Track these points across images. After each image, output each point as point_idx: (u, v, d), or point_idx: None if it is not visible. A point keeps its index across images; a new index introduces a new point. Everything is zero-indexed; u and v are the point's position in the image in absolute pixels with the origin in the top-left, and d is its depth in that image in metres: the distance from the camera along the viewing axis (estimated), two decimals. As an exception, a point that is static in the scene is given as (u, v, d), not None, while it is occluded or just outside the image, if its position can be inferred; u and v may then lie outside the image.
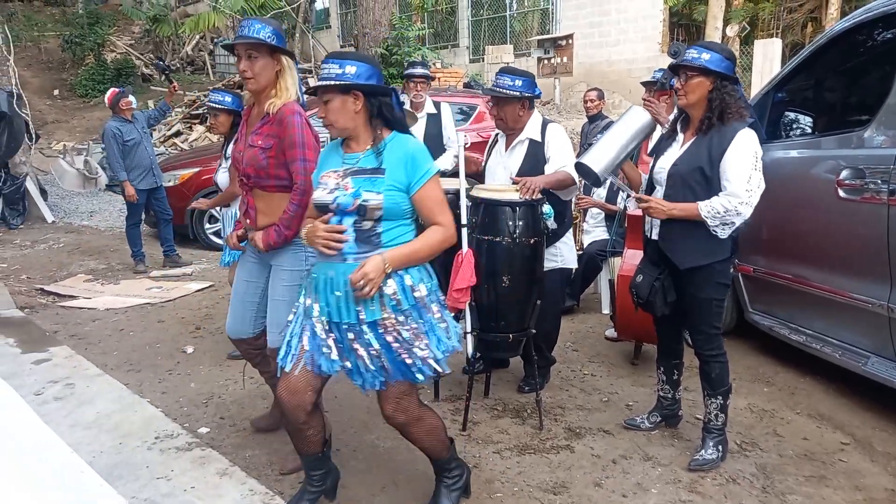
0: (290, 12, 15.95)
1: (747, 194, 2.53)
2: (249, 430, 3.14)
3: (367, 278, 2.02)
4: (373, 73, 2.16)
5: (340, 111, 2.15)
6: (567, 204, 3.44)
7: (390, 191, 2.14)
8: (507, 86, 3.21)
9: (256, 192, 2.66)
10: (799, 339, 3.60)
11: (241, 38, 2.52)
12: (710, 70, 2.58)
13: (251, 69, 2.53)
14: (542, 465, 2.83)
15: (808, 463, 2.85)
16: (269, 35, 2.52)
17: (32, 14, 18.50)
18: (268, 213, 2.64)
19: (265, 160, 2.57)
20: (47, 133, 13.14)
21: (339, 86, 2.12)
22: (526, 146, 3.31)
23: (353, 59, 2.16)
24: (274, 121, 2.57)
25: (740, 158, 2.55)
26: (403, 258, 2.13)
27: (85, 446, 2.90)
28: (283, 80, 2.60)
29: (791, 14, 18.23)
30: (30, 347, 4.22)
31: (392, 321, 2.14)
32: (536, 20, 15.32)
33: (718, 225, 2.60)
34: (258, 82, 2.57)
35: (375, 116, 2.19)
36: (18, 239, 7.96)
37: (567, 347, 4.23)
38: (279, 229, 2.58)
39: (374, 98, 2.17)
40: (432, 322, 2.20)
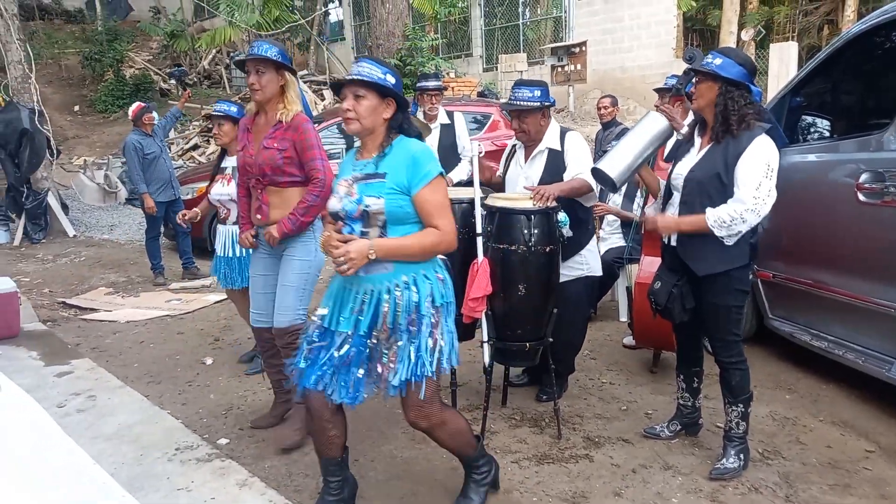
0: (305, 25, 16.11)
1: (754, 201, 2.51)
2: (269, 440, 3.15)
3: (348, 257, 2.08)
4: (399, 85, 2.27)
5: (373, 112, 2.20)
6: (589, 211, 3.42)
7: (391, 194, 2.16)
8: (526, 97, 3.21)
9: (270, 189, 2.99)
10: (820, 345, 3.55)
11: (250, 55, 2.94)
12: (718, 75, 2.57)
13: (259, 82, 2.92)
14: (561, 474, 2.81)
15: (832, 471, 2.81)
16: (275, 54, 2.91)
17: (53, 32, 18.87)
18: (281, 206, 2.98)
19: (281, 159, 2.93)
20: (68, 148, 13.37)
21: (382, 89, 2.19)
22: (546, 155, 3.30)
23: (391, 69, 2.26)
24: (289, 127, 2.95)
25: (752, 165, 2.53)
26: (391, 249, 2.14)
27: (107, 458, 2.93)
28: (288, 93, 2.99)
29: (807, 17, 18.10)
30: (52, 360, 4.28)
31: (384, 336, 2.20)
32: (549, 28, 15.34)
33: (725, 235, 2.58)
34: (264, 94, 2.95)
35: (395, 128, 2.26)
36: (41, 253, 8.09)
37: (585, 356, 4.20)
38: (295, 217, 2.93)
39: (401, 111, 2.26)
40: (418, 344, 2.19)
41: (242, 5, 14.78)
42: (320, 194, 2.89)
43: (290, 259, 3.02)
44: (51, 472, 1.50)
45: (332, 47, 17.76)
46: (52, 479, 1.47)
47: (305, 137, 2.94)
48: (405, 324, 2.19)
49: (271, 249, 3.07)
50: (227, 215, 3.94)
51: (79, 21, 20.22)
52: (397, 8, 12.87)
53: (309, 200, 2.93)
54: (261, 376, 3.99)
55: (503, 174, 3.51)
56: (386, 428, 3.24)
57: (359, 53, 17.77)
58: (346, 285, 2.27)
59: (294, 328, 3.01)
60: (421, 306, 2.19)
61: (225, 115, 3.93)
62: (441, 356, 2.22)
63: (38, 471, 1.48)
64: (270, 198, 2.99)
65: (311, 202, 2.92)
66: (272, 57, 2.90)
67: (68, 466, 1.55)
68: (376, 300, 2.21)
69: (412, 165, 2.17)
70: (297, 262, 3.01)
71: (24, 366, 4.19)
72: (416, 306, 2.18)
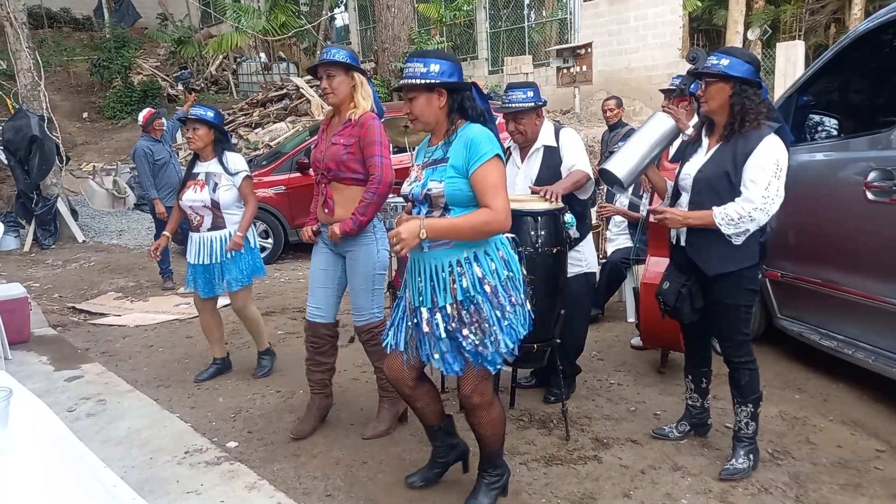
0: (311, 30, 16.18)
1: (763, 201, 2.51)
2: (277, 443, 3.16)
3: (399, 237, 2.13)
4: (454, 70, 2.29)
5: (426, 107, 2.30)
6: (586, 204, 3.43)
7: (452, 178, 2.23)
8: (521, 99, 3.26)
9: (335, 185, 3.05)
10: (830, 345, 3.53)
11: (321, 61, 3.01)
12: (729, 75, 2.56)
13: (330, 85, 3.00)
14: (570, 476, 2.81)
15: (843, 471, 2.79)
16: (343, 57, 2.98)
17: (62, 40, 19.00)
18: (343, 204, 3.04)
19: (345, 155, 2.99)
20: (77, 155, 13.45)
21: (425, 84, 2.25)
22: (542, 153, 3.33)
23: (435, 58, 2.28)
24: (356, 124, 3.02)
25: (761, 164, 2.53)
26: (442, 229, 2.18)
27: (117, 461, 2.95)
28: (357, 94, 3.06)
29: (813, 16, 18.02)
30: (62, 365, 4.31)
31: (457, 309, 2.24)
32: (555, 30, 15.34)
33: (732, 233, 2.57)
34: (337, 96, 3.02)
35: (455, 111, 2.31)
36: (51, 259, 8.15)
37: (593, 357, 4.20)
38: (355, 216, 2.98)
39: (457, 94, 2.30)
40: (500, 314, 2.25)
41: (249, 11, 14.88)
42: (377, 191, 2.96)
43: (354, 263, 3.10)
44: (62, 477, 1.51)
45: (338, 51, 17.78)
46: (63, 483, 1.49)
47: (370, 133, 2.99)
48: (481, 295, 2.22)
49: (332, 246, 3.15)
50: (201, 222, 3.87)
51: (87, 29, 20.35)
52: (402, 12, 12.92)
53: (367, 198, 2.98)
54: (268, 379, 4.01)
55: None
56: (395, 430, 3.25)
57: (364, 57, 17.82)
58: (416, 260, 2.35)
59: (372, 325, 3.15)
60: (487, 279, 2.23)
61: (199, 119, 3.80)
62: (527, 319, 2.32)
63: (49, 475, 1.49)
64: (335, 194, 3.06)
65: (369, 200, 2.97)
66: (341, 60, 2.96)
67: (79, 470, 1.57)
68: (437, 274, 2.27)
69: (470, 148, 2.22)
70: (360, 265, 3.09)
71: (35, 371, 4.22)
72: (479, 280, 2.23)
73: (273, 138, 11.65)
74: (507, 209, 2.20)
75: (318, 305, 3.20)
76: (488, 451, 2.52)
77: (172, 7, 20.29)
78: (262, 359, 4.15)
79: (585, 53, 12.25)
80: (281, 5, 15.51)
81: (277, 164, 7.89)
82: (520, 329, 2.31)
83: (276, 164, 7.91)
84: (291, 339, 4.81)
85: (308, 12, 18.97)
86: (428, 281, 2.29)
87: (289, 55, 17.93)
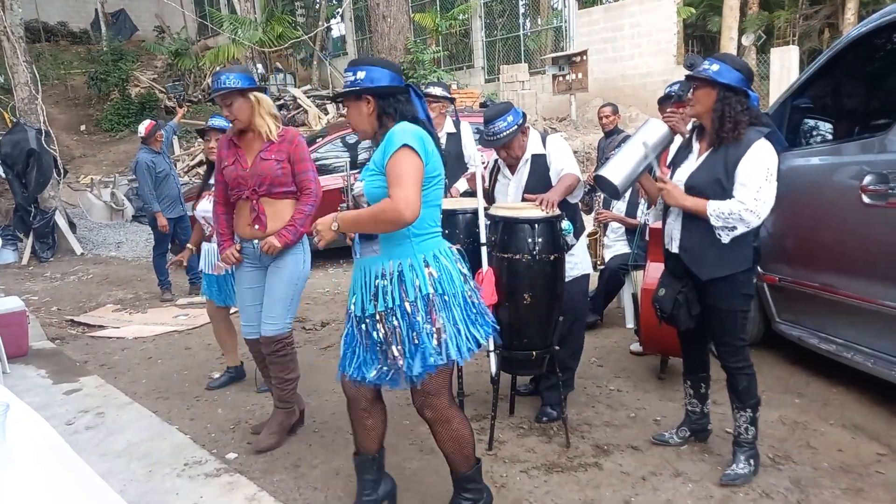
0: (308, 41, 16.24)
1: (754, 203, 2.52)
2: (277, 454, 3.15)
3: (315, 229, 2.31)
4: (382, 75, 2.24)
5: (357, 115, 2.29)
6: (576, 207, 3.43)
7: (372, 175, 2.24)
8: (504, 128, 3.20)
9: (266, 201, 3.10)
10: (829, 349, 3.53)
11: (215, 91, 3.03)
12: (715, 81, 2.58)
13: (231, 112, 3.05)
14: (571, 483, 2.80)
15: (844, 475, 2.78)
16: (234, 81, 3.00)
17: (59, 53, 19.04)
18: (274, 217, 3.11)
19: (279, 170, 3.07)
20: (75, 167, 13.46)
21: (351, 92, 2.25)
22: (530, 162, 3.32)
23: (363, 65, 2.26)
24: (284, 141, 3.11)
25: (752, 168, 2.54)
26: (350, 221, 2.23)
27: (116, 475, 2.94)
28: (257, 113, 3.07)
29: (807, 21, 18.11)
30: (61, 378, 4.30)
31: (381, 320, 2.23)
32: (550, 38, 15.40)
33: (721, 227, 2.59)
34: (242, 120, 3.07)
35: (386, 114, 2.26)
36: (49, 272, 8.14)
37: (592, 363, 4.19)
38: (294, 228, 3.08)
39: (385, 98, 2.25)
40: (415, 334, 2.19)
41: (245, 23, 14.92)
42: (314, 203, 3.12)
43: (279, 270, 3.15)
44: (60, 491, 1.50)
45: (335, 62, 17.87)
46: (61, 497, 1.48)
47: (300, 150, 3.12)
48: (401, 309, 2.19)
49: (257, 262, 3.20)
50: (212, 233, 3.89)
51: (84, 42, 20.39)
52: (398, 22, 12.97)
53: (306, 211, 3.11)
54: (268, 392, 4.00)
55: (491, 188, 3.52)
56: (394, 440, 3.23)
57: (361, 67, 17.85)
58: (356, 269, 2.37)
59: (281, 337, 3.18)
60: (409, 293, 2.19)
61: (221, 129, 3.87)
62: (446, 348, 2.20)
63: (47, 489, 1.48)
64: (266, 208, 3.11)
65: (308, 212, 3.10)
66: (233, 86, 3.00)
67: (78, 485, 1.56)
68: (368, 282, 2.28)
69: (385, 143, 2.19)
70: (286, 273, 3.14)
71: (33, 384, 4.21)
72: (405, 293, 2.19)
73: (270, 149, 11.64)
74: (406, 199, 2.08)
75: (251, 323, 3.25)
76: (456, 472, 2.43)
77: (169, 19, 20.38)
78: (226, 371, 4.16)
79: (581, 61, 12.31)
80: (277, 17, 15.56)
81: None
82: (432, 356, 2.19)
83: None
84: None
85: (304, 23, 19.03)
86: (360, 289, 2.31)
87: (286, 66, 17.99)
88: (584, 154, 10.67)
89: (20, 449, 1.60)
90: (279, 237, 3.05)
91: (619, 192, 2.94)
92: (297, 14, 19.20)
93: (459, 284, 2.25)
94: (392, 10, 12.85)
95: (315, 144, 7.77)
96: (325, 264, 7.65)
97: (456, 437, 2.35)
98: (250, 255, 3.20)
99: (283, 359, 3.20)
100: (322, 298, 6.24)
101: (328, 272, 7.48)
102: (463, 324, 2.25)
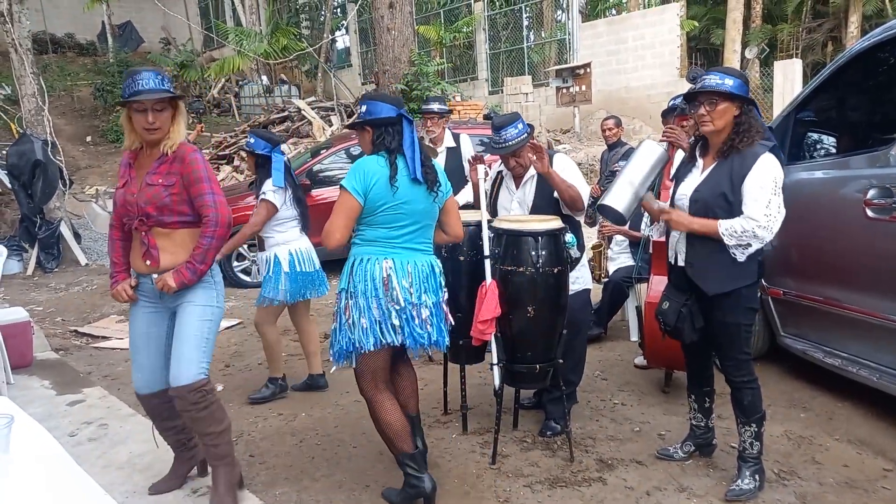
0: (313, 53, 16.33)
1: (766, 219, 2.52)
2: (279, 467, 3.14)
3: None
4: (380, 108, 2.64)
5: (362, 141, 2.74)
6: (578, 224, 3.42)
7: None
8: (515, 136, 3.20)
9: (157, 231, 2.62)
10: (834, 363, 3.51)
11: (150, 91, 2.51)
12: (735, 95, 2.59)
13: (158, 120, 2.55)
14: (575, 498, 2.78)
15: (850, 491, 2.76)
16: (170, 85, 2.60)
17: (66, 64, 19.19)
18: (171, 250, 2.62)
19: (168, 197, 2.57)
20: (80, 178, 13.51)
21: (357, 123, 2.72)
22: (536, 179, 3.30)
23: (366, 100, 2.70)
24: (174, 159, 2.60)
25: (760, 183, 2.54)
26: None
27: (118, 487, 2.93)
28: (178, 122, 2.64)
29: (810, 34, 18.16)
30: (64, 389, 4.30)
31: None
32: (554, 50, 15.48)
33: (735, 245, 2.58)
34: (163, 131, 2.59)
35: (377, 141, 2.66)
36: (53, 282, 8.15)
37: (596, 376, 4.18)
38: (193, 265, 2.56)
39: (379, 128, 2.65)
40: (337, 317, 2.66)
41: (251, 35, 15.03)
42: (215, 234, 2.57)
43: (190, 306, 2.63)
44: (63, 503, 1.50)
45: (340, 74, 17.99)
46: (63, 508, 1.48)
47: (192, 169, 2.58)
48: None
49: (157, 301, 2.70)
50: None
51: (91, 53, 20.55)
52: (403, 34, 13.03)
53: (204, 244, 2.57)
54: (271, 402, 3.99)
55: (493, 201, 3.51)
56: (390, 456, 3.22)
57: (365, 80, 17.98)
58: None
59: (202, 383, 2.61)
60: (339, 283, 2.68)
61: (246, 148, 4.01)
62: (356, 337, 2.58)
63: (50, 501, 1.48)
64: (159, 241, 2.62)
65: (207, 245, 2.57)
66: (172, 91, 2.59)
67: (80, 496, 1.56)
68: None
69: None
70: (198, 309, 2.64)
71: (37, 395, 4.21)
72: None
73: (275, 160, 11.69)
74: (327, 229, 2.55)
75: (147, 373, 2.73)
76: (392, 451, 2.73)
77: (175, 31, 20.54)
78: (266, 385, 4.10)
79: (584, 73, 12.35)
80: (282, 29, 15.68)
81: (279, 185, 7.91)
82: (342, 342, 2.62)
83: (278, 186, 7.93)
84: (294, 360, 4.80)
85: (309, 35, 19.16)
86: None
87: (290, 78, 18.10)
88: (587, 166, 10.69)
89: (23, 460, 1.60)
90: (175, 275, 2.55)
91: (626, 218, 2.94)
92: (303, 26, 19.34)
93: (372, 290, 2.57)
94: (397, 22, 12.93)
95: (319, 156, 7.80)
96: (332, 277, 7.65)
97: (379, 419, 2.68)
98: (148, 293, 2.69)
99: (206, 411, 2.62)
100: (326, 310, 6.24)
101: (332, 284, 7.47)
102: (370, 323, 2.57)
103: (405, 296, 2.57)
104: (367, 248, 2.62)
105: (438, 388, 3.76)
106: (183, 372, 2.57)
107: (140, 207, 2.57)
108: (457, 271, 3.24)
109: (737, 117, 2.61)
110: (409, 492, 2.68)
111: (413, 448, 2.69)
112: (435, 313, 2.67)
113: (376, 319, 2.56)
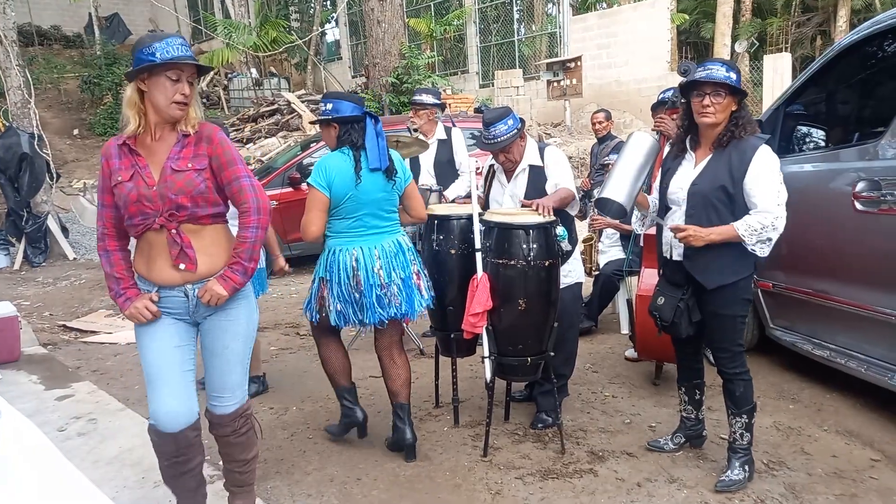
0: (303, 46, 16.25)
1: (779, 208, 2.54)
2: (270, 461, 3.14)
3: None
4: (346, 107, 2.88)
5: (326, 136, 2.99)
6: (572, 219, 3.43)
7: None
8: (504, 132, 3.21)
9: (188, 228, 2.18)
10: (823, 355, 3.54)
11: (189, 58, 2.13)
12: (739, 89, 2.59)
13: (186, 94, 2.14)
14: (566, 489, 2.79)
15: (839, 481, 2.79)
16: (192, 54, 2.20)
17: (52, 57, 18.99)
18: (207, 251, 2.21)
19: (203, 183, 2.15)
20: (68, 172, 13.41)
21: (322, 119, 2.92)
22: (528, 172, 3.32)
23: (331, 98, 2.94)
24: (200, 139, 2.19)
25: (765, 175, 2.54)
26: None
27: (108, 482, 2.91)
28: (196, 100, 2.26)
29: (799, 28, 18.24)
30: (53, 384, 4.27)
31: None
32: (545, 44, 15.48)
33: (756, 242, 2.57)
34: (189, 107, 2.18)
35: (341, 137, 2.91)
36: (41, 276, 8.08)
37: (587, 369, 4.19)
38: (241, 265, 2.18)
39: (344, 125, 2.89)
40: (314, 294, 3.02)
41: (240, 27, 14.93)
42: (259, 223, 2.18)
43: (231, 324, 2.27)
44: (52, 498, 1.49)
45: (329, 66, 17.92)
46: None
47: (224, 150, 2.18)
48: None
49: (186, 315, 2.26)
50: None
51: (77, 46, 20.36)
52: (393, 27, 12.99)
53: (249, 238, 2.17)
54: (261, 396, 3.98)
55: (485, 194, 3.52)
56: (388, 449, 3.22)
57: (355, 72, 17.92)
58: None
59: (245, 409, 2.38)
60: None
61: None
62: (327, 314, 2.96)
63: (39, 496, 1.47)
64: (194, 240, 2.19)
65: (253, 238, 2.17)
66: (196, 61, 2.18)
67: (69, 491, 1.55)
68: None
69: None
70: (242, 327, 2.30)
71: (25, 390, 4.17)
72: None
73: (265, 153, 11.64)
74: (303, 224, 2.85)
75: (181, 399, 2.22)
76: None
77: (163, 24, 20.35)
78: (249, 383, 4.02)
79: (575, 67, 12.35)
80: (272, 21, 15.59)
81: (269, 179, 7.87)
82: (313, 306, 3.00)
83: (267, 179, 7.90)
84: (284, 354, 4.79)
85: (299, 28, 19.06)
86: None
87: (280, 71, 18.01)
88: (578, 160, 10.71)
89: (11, 456, 1.59)
90: (224, 281, 2.16)
91: (626, 210, 2.88)
92: (292, 19, 19.24)
93: (344, 279, 2.87)
94: (387, 15, 12.88)
95: (310, 149, 7.77)
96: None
97: (323, 358, 3.16)
98: (175, 307, 2.24)
99: (246, 436, 2.38)
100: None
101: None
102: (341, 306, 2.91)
103: (375, 280, 2.86)
104: (337, 239, 2.91)
105: (430, 381, 3.76)
106: (229, 400, 2.31)
107: (169, 199, 2.12)
108: (448, 264, 3.24)
109: (734, 111, 2.62)
110: (345, 421, 3.22)
111: (350, 384, 3.19)
112: (404, 288, 2.91)
113: (346, 303, 2.90)
